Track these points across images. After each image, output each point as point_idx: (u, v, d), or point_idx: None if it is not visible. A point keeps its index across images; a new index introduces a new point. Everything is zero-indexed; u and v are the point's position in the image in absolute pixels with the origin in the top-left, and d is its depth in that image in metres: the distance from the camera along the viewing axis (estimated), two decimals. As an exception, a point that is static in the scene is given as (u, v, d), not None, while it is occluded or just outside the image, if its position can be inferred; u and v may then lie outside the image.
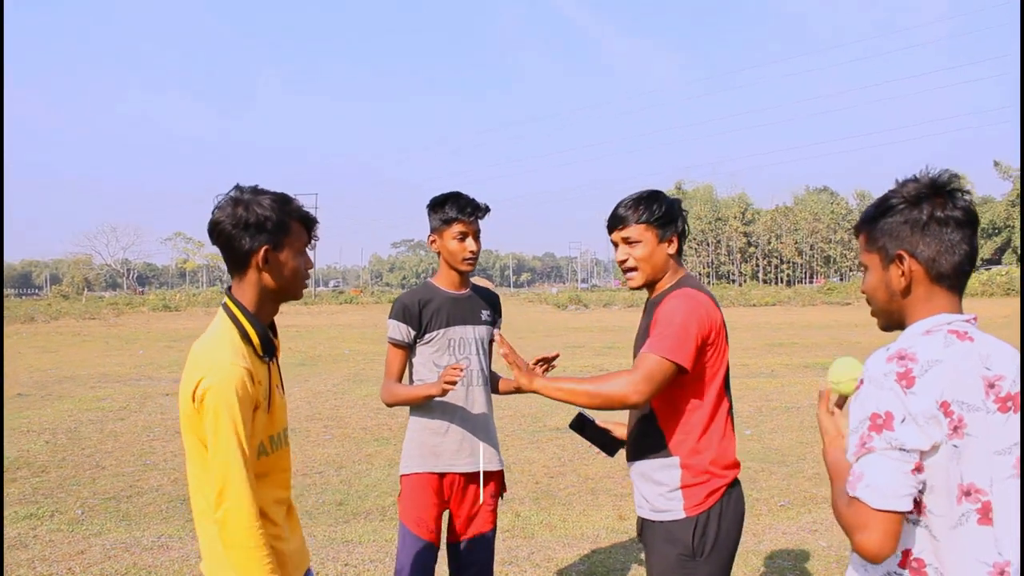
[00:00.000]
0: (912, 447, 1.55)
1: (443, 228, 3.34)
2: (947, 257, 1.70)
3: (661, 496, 2.60)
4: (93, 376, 15.39)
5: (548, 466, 7.71)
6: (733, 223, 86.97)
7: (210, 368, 2.06)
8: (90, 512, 6.33)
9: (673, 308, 2.53)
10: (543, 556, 5.21)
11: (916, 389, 1.57)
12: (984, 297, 45.02)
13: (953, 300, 1.73)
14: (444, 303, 3.39)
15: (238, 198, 2.15)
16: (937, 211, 1.70)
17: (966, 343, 1.65)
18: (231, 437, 2.03)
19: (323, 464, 7.73)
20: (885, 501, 1.54)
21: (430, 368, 3.36)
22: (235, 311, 2.18)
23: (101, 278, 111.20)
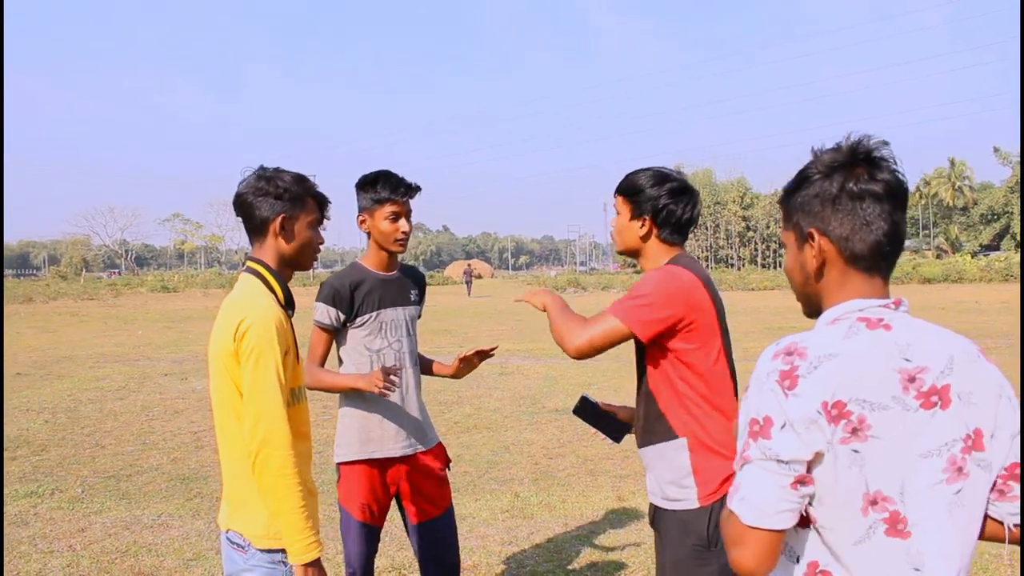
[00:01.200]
0: (790, 458, 1.37)
1: (374, 208, 3.27)
2: (862, 235, 1.48)
3: (674, 484, 2.55)
4: (92, 356, 15.40)
5: (547, 447, 7.72)
6: (732, 207, 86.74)
7: (251, 309, 2.24)
8: (90, 491, 6.35)
9: (646, 278, 2.52)
10: (542, 537, 5.23)
11: (799, 390, 1.38)
12: (983, 283, 45.01)
13: (873, 284, 1.51)
14: (375, 285, 3.32)
15: (262, 173, 2.40)
16: (851, 183, 1.48)
17: (878, 332, 1.45)
18: (271, 370, 2.19)
19: (322, 444, 7.73)
20: (759, 518, 1.38)
21: (360, 352, 3.30)
22: (259, 269, 2.37)
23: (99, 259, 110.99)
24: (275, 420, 2.18)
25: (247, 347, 2.19)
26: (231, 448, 2.28)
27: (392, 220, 3.25)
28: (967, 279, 46.95)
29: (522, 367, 13.23)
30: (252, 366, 2.18)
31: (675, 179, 2.70)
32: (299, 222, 2.38)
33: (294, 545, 2.20)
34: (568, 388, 10.99)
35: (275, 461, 2.17)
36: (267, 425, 2.17)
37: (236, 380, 2.23)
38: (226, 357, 2.22)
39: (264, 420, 2.17)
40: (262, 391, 2.18)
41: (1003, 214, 78.42)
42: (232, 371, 2.23)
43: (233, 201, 2.40)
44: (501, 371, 12.75)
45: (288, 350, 2.29)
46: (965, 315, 22.29)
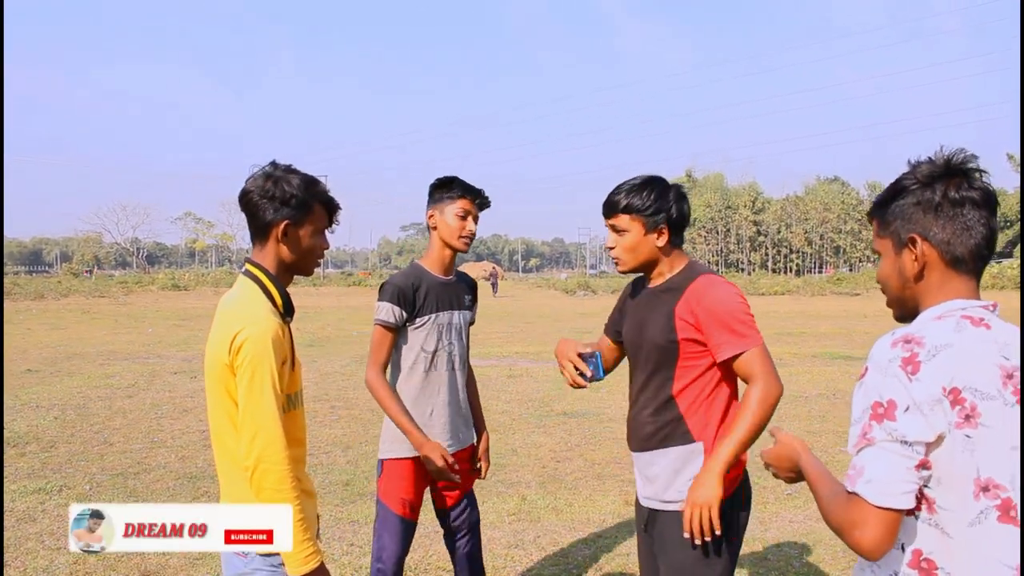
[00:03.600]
0: (915, 439, 1.45)
1: (446, 204, 3.35)
2: (963, 239, 1.60)
3: (682, 487, 2.55)
4: (102, 353, 15.46)
5: (555, 450, 7.70)
6: (743, 212, 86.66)
7: (248, 321, 2.19)
8: (98, 488, 6.36)
9: (720, 298, 2.52)
10: (549, 540, 5.22)
11: (922, 375, 1.46)
12: (995, 290, 44.74)
13: (970, 285, 1.62)
14: (434, 287, 3.39)
15: (270, 173, 2.31)
16: (952, 191, 1.60)
17: (980, 329, 1.54)
18: (267, 384, 2.16)
19: (330, 444, 7.75)
20: (886, 498, 1.45)
21: (415, 352, 3.37)
22: (258, 274, 2.33)
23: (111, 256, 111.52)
24: (271, 435, 2.15)
25: (242, 360, 2.16)
26: (227, 454, 2.27)
27: (461, 217, 3.34)
28: (981, 286, 46.57)
29: (531, 370, 13.21)
30: (248, 380, 2.16)
31: (672, 184, 2.71)
32: (304, 229, 2.33)
33: (293, 557, 2.19)
34: (576, 391, 10.93)
35: (272, 476, 2.15)
36: (263, 440, 2.15)
37: (231, 391, 2.21)
38: (221, 368, 2.20)
39: (260, 435, 2.15)
40: (258, 405, 2.16)
41: (1016, 220, 77.98)
42: (227, 382, 2.21)
43: (239, 197, 2.35)
44: (509, 374, 12.74)
45: (285, 359, 2.27)
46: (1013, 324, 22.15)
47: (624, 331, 2.82)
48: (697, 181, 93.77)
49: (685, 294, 2.56)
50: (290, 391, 2.34)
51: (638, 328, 2.69)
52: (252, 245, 2.39)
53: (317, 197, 2.34)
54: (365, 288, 51.39)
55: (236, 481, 2.26)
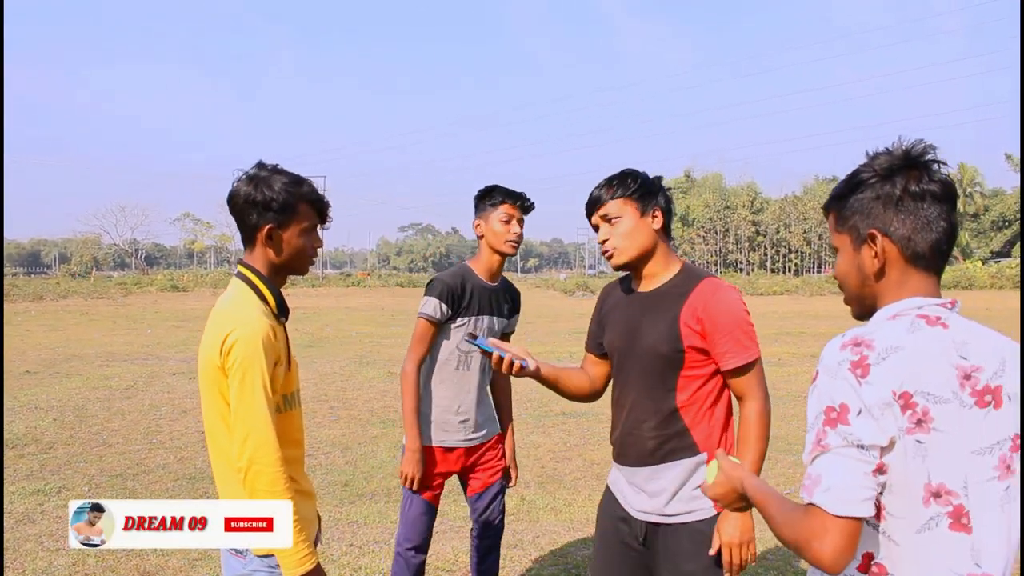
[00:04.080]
0: (870, 443, 1.39)
1: (490, 211, 3.46)
2: (924, 235, 1.54)
3: (687, 499, 2.50)
4: (101, 355, 15.44)
5: (554, 451, 7.71)
6: (742, 212, 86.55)
7: (238, 322, 2.19)
8: (97, 489, 6.36)
9: (727, 306, 2.46)
10: (548, 540, 5.22)
11: (871, 378, 1.41)
12: (993, 290, 44.86)
13: (930, 282, 1.56)
14: (479, 291, 3.52)
15: (254, 175, 2.30)
16: (912, 185, 1.53)
17: (936, 329, 1.48)
18: (258, 386, 2.16)
19: (329, 445, 7.75)
20: (846, 506, 1.38)
21: (451, 350, 3.49)
22: (250, 276, 2.33)
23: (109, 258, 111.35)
24: (263, 437, 2.15)
25: (233, 362, 2.16)
26: (222, 456, 2.27)
27: (505, 222, 3.44)
28: (977, 286, 46.81)
29: (529, 370, 13.20)
30: (239, 382, 2.16)
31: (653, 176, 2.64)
32: (289, 231, 2.31)
33: (287, 559, 2.19)
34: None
35: (264, 477, 2.15)
36: (255, 442, 2.15)
37: (224, 391, 2.21)
38: (213, 370, 2.20)
39: (252, 437, 2.15)
40: (249, 407, 2.16)
41: (1014, 221, 78.02)
42: (220, 384, 2.21)
43: (227, 201, 2.34)
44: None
45: (279, 360, 2.26)
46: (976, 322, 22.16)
47: (608, 339, 2.70)
48: (696, 181, 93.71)
49: (690, 299, 2.47)
50: (286, 391, 2.33)
51: (629, 335, 2.58)
52: (244, 247, 2.39)
53: (302, 197, 2.32)
54: (364, 289, 51.40)
55: (231, 482, 2.26)
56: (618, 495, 2.67)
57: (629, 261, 2.56)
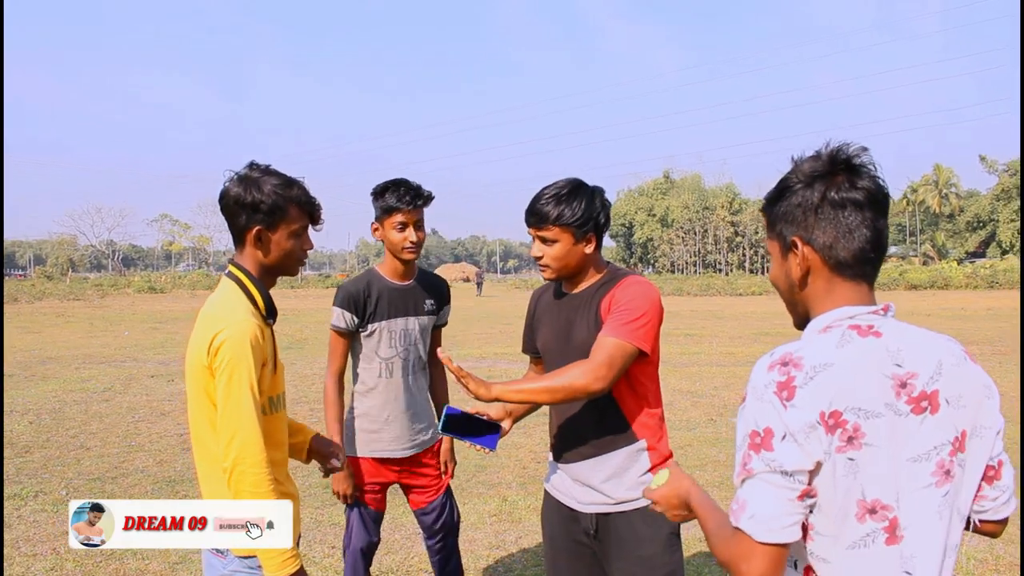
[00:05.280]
0: (793, 468, 1.36)
1: (384, 217, 3.32)
2: (845, 243, 1.49)
3: (635, 484, 2.57)
4: (77, 357, 15.30)
5: (534, 451, 7.70)
6: (720, 212, 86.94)
7: (226, 322, 2.18)
8: (75, 493, 6.30)
9: (633, 294, 2.52)
10: (530, 540, 5.22)
11: (797, 401, 1.37)
12: (968, 289, 45.27)
13: (859, 290, 1.52)
14: (385, 293, 3.40)
15: (245, 176, 2.30)
16: (832, 192, 1.49)
17: (868, 339, 1.45)
18: (244, 386, 2.15)
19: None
20: (770, 534, 1.37)
21: (371, 359, 3.40)
22: (240, 276, 2.33)
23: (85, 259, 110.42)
24: (249, 436, 2.15)
25: (220, 362, 2.16)
26: (207, 457, 2.27)
27: (400, 230, 3.31)
28: (953, 285, 47.23)
29: (509, 371, 13.23)
30: (226, 382, 2.15)
31: (595, 188, 2.65)
32: (278, 233, 2.32)
33: (270, 561, 2.18)
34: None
35: (249, 477, 2.15)
36: (241, 441, 2.15)
37: (210, 392, 2.20)
38: (200, 370, 2.20)
39: (238, 437, 2.15)
40: (235, 408, 2.15)
41: (989, 221, 78.83)
42: (206, 384, 2.20)
43: (218, 200, 2.35)
44: (488, 375, 12.72)
45: (265, 361, 2.26)
46: (951, 321, 22.40)
47: (542, 340, 2.78)
48: (675, 182, 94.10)
49: (608, 294, 2.58)
50: (272, 393, 2.33)
51: (562, 334, 2.66)
52: (235, 247, 2.39)
53: (292, 200, 2.32)
54: (343, 290, 51.08)
55: (216, 483, 2.25)
56: (560, 495, 2.72)
57: (557, 278, 2.69)
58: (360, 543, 3.46)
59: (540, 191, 2.60)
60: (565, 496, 2.69)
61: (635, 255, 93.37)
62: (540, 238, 2.59)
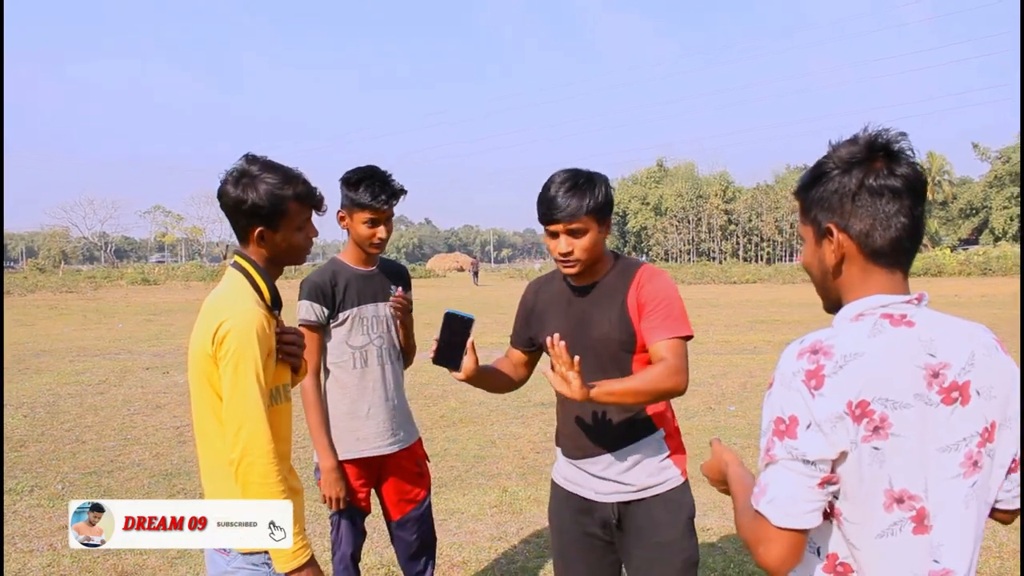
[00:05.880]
0: (816, 458, 1.37)
1: (354, 210, 3.21)
2: (882, 231, 1.47)
3: (655, 471, 2.57)
4: (71, 350, 15.21)
5: (534, 441, 7.67)
6: (714, 200, 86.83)
7: (231, 312, 2.16)
8: (71, 487, 6.24)
9: (661, 287, 2.52)
10: (532, 532, 5.19)
11: (825, 390, 1.37)
12: (962, 277, 45.38)
13: (894, 279, 1.50)
14: (354, 281, 3.30)
15: (241, 173, 2.24)
16: (870, 179, 1.47)
17: (901, 329, 1.44)
18: (251, 376, 2.12)
19: (304, 438, 7.66)
20: (787, 519, 1.38)
21: (342, 349, 3.28)
22: (246, 266, 2.29)
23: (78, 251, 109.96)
24: (256, 427, 2.12)
25: (226, 351, 2.12)
26: (211, 450, 2.23)
27: (370, 226, 3.22)
28: (947, 273, 47.32)
29: (507, 360, 13.16)
30: (232, 371, 2.12)
31: (602, 175, 2.60)
32: (280, 231, 2.28)
33: (282, 552, 2.15)
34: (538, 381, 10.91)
35: (258, 468, 2.12)
36: (248, 432, 2.11)
37: (215, 383, 2.17)
38: (204, 360, 2.17)
39: (245, 427, 2.11)
40: (242, 398, 2.12)
41: (981, 208, 78.98)
42: (210, 374, 2.17)
43: (217, 199, 2.29)
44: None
45: (270, 351, 2.23)
46: (945, 309, 21.75)
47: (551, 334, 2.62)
48: (668, 171, 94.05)
49: (632, 285, 2.54)
50: (276, 384, 2.30)
51: (578, 328, 2.57)
52: (239, 242, 2.35)
53: (291, 198, 2.25)
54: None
55: (219, 478, 2.22)
56: (575, 486, 2.67)
57: (584, 270, 2.57)
58: (350, 548, 3.37)
59: (553, 186, 2.49)
60: (581, 488, 2.65)
61: (629, 244, 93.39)
62: (569, 231, 2.48)
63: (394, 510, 3.46)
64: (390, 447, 3.33)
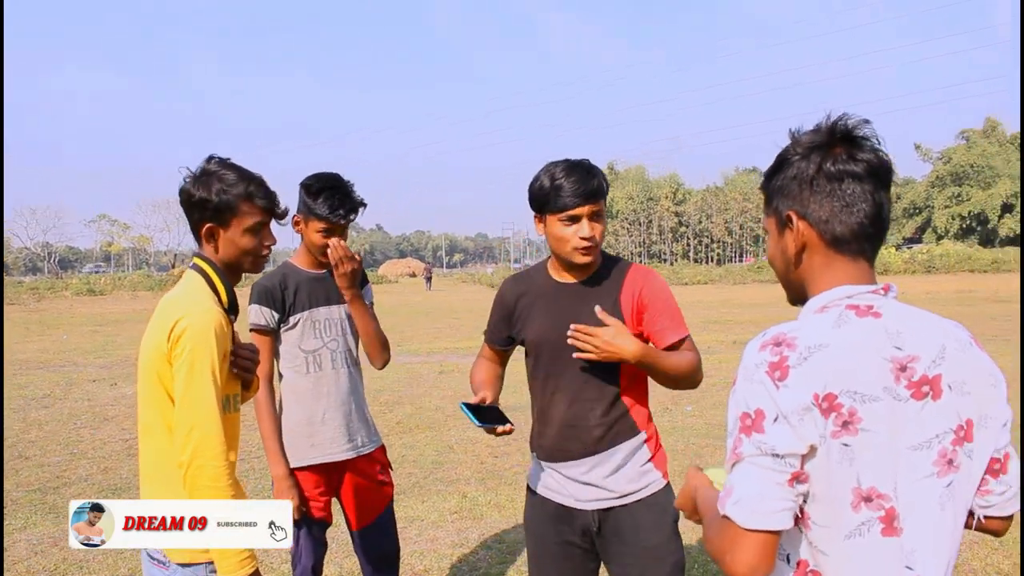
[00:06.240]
0: (786, 451, 1.29)
1: (312, 219, 3.09)
2: (843, 217, 1.41)
3: (636, 476, 2.51)
4: (13, 363, 14.75)
5: (492, 446, 7.59)
6: (664, 203, 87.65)
7: (189, 309, 2.10)
8: (15, 506, 6.02)
9: (660, 288, 2.51)
10: (493, 537, 5.12)
11: (790, 382, 1.30)
12: (907, 275, 46.32)
13: (859, 268, 1.44)
14: (305, 283, 3.19)
15: (201, 172, 2.24)
16: (828, 163, 1.41)
17: (867, 320, 1.38)
18: (206, 377, 2.05)
19: (257, 447, 7.51)
20: (756, 519, 1.29)
21: (295, 354, 3.17)
22: (204, 267, 2.24)
23: (20, 262, 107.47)
24: (209, 429, 2.05)
25: (182, 350, 2.05)
26: (154, 452, 2.16)
27: (324, 235, 3.10)
28: (892, 271, 48.29)
29: (461, 365, 13.10)
30: (187, 371, 2.05)
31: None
32: (231, 230, 2.23)
33: (227, 560, 2.07)
34: (510, 385, 10.82)
35: (208, 471, 2.05)
36: (201, 434, 2.04)
37: (166, 382, 2.10)
38: (158, 359, 2.09)
39: (198, 429, 2.04)
40: (197, 398, 2.05)
41: (924, 208, 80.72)
42: (163, 373, 2.10)
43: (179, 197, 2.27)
44: (440, 370, 12.64)
45: (226, 355, 2.16)
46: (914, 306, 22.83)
47: (536, 331, 2.58)
48: (619, 174, 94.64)
49: (625, 284, 2.50)
50: (228, 392, 2.22)
51: (564, 325, 2.42)
52: (196, 244, 2.32)
53: (243, 196, 2.22)
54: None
55: (159, 480, 2.15)
56: (553, 493, 2.58)
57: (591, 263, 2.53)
58: (311, 560, 3.24)
59: (560, 172, 2.42)
60: (559, 495, 2.57)
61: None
62: (593, 214, 2.43)
63: (356, 519, 3.33)
64: (346, 453, 3.21)
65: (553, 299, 2.57)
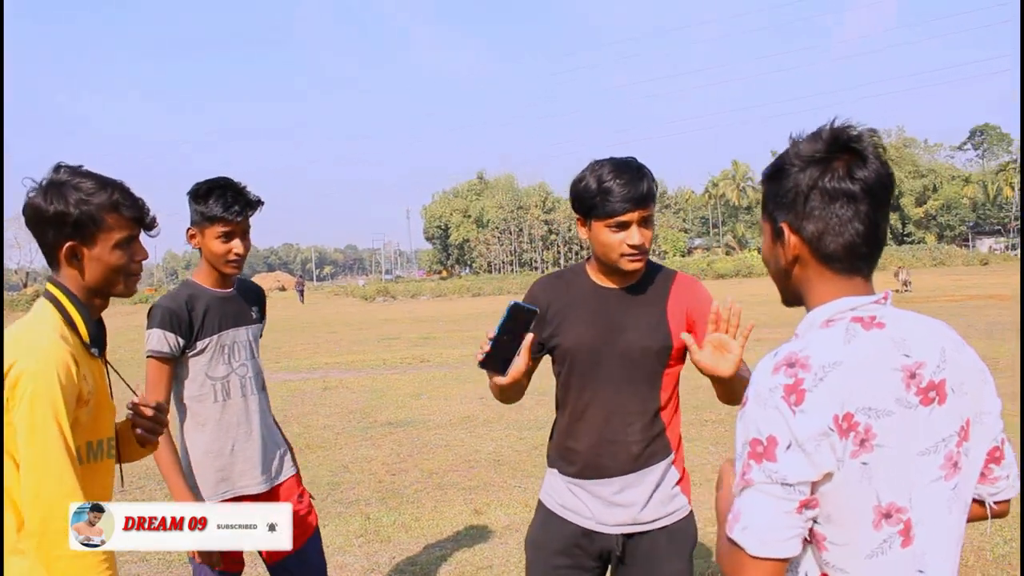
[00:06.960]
0: (797, 480, 1.27)
1: (206, 225, 2.87)
2: (833, 237, 1.38)
3: (665, 499, 2.38)
4: None
5: (388, 463, 7.41)
6: (534, 211, 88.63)
7: (26, 350, 1.80)
8: None
9: (709, 299, 2.30)
10: (405, 560, 4.96)
11: (807, 406, 1.27)
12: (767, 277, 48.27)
13: (853, 283, 1.42)
14: (213, 304, 2.93)
15: (50, 183, 1.92)
16: (825, 180, 1.37)
17: (873, 332, 1.36)
18: (50, 427, 1.76)
19: (143, 479, 7.10)
20: (764, 548, 1.28)
21: (201, 382, 2.90)
22: (57, 294, 1.95)
23: None
24: (60, 487, 1.76)
25: (20, 398, 1.75)
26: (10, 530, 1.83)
27: (224, 240, 2.87)
28: (756, 273, 50.23)
29: (345, 380, 12.80)
30: (27, 426, 1.75)
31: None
32: (97, 247, 1.93)
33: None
34: (397, 400, 10.71)
35: (65, 540, 1.76)
36: (50, 494, 1.75)
37: (8, 442, 1.78)
38: None
39: (46, 489, 1.75)
40: (40, 457, 1.75)
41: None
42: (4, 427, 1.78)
43: (23, 214, 1.92)
44: (324, 386, 12.28)
45: (81, 399, 1.87)
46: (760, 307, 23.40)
47: (574, 338, 2.38)
48: (488, 183, 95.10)
49: (672, 293, 2.36)
50: (91, 438, 1.93)
51: (609, 333, 2.33)
52: (50, 267, 1.99)
53: (107, 207, 1.93)
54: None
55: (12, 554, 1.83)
56: (574, 515, 2.41)
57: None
58: None
59: (612, 171, 2.23)
60: (580, 516, 2.39)
61: (452, 256, 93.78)
62: (644, 220, 2.25)
63: (275, 553, 3.01)
64: (260, 486, 2.95)
65: (594, 304, 2.39)
